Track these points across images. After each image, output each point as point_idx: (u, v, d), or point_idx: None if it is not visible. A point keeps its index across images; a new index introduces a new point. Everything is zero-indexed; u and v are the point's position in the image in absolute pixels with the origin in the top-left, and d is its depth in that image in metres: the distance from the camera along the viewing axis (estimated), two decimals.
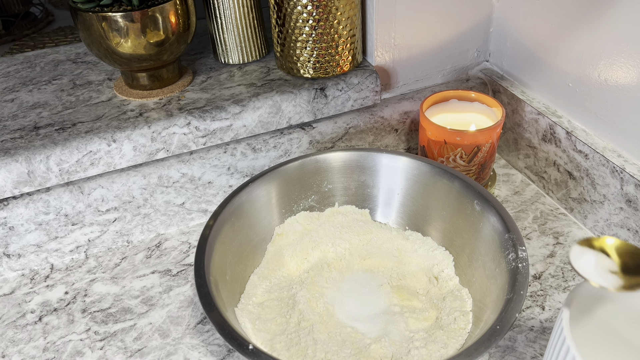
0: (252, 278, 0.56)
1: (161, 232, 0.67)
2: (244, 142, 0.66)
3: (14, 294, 0.60)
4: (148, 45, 0.60)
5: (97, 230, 0.64)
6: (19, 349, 0.54)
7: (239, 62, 0.71)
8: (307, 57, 0.64)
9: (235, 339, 0.43)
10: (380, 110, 0.71)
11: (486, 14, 0.72)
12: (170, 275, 0.61)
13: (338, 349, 0.49)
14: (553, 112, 0.66)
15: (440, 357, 0.47)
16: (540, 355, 0.50)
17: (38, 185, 0.58)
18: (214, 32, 0.69)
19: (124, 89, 0.66)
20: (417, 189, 0.60)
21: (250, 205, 0.57)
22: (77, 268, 0.62)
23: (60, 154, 0.57)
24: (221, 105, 0.62)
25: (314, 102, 0.65)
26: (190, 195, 0.66)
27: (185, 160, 0.64)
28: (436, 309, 0.53)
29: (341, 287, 0.56)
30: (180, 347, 0.53)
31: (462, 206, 0.56)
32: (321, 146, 0.70)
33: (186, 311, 0.56)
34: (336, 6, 0.61)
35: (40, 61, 0.75)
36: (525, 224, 0.64)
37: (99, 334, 0.55)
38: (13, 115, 0.63)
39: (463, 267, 0.56)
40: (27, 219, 0.60)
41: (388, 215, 0.63)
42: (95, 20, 0.58)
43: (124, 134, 0.59)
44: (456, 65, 0.75)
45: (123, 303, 0.58)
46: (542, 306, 0.54)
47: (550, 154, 0.66)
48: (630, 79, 0.56)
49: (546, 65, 0.67)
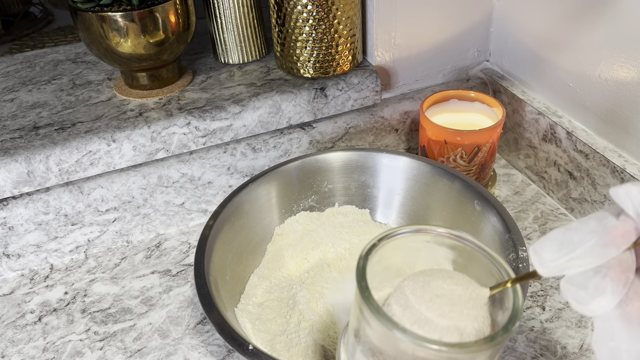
0: (252, 278, 0.56)
1: (161, 232, 0.67)
2: (243, 142, 0.66)
3: (14, 294, 0.60)
4: (148, 45, 0.60)
5: (97, 231, 0.64)
6: (18, 349, 0.54)
7: (238, 62, 0.71)
8: (307, 57, 0.64)
9: (235, 339, 0.43)
10: (381, 110, 0.71)
11: (486, 14, 0.72)
12: (170, 275, 0.61)
13: None
14: (553, 112, 0.66)
15: None
16: (541, 355, 0.50)
17: (38, 185, 0.57)
18: (213, 31, 0.69)
19: (123, 88, 0.66)
20: (418, 189, 0.60)
21: (250, 205, 0.57)
22: (76, 268, 0.62)
23: (59, 154, 0.57)
24: (221, 105, 0.62)
25: (314, 102, 0.65)
26: (190, 195, 0.66)
27: (185, 160, 0.64)
28: None
29: (341, 288, 0.56)
30: (180, 347, 0.53)
31: (462, 206, 0.56)
32: (321, 146, 0.70)
33: (186, 311, 0.56)
34: (336, 6, 0.61)
35: (40, 61, 0.75)
36: (526, 224, 0.64)
37: (99, 334, 0.55)
38: (12, 115, 0.63)
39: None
40: (26, 219, 0.60)
41: (388, 215, 0.63)
42: (95, 20, 0.57)
43: (124, 133, 0.59)
44: (456, 65, 0.75)
45: (123, 303, 0.58)
46: (543, 306, 0.54)
47: (550, 154, 0.66)
48: (630, 78, 0.56)
49: (547, 65, 0.66)
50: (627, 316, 0.25)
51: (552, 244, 0.26)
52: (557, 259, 0.26)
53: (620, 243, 0.25)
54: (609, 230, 0.25)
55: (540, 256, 0.26)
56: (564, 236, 0.26)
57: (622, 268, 0.25)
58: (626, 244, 0.25)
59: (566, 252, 0.25)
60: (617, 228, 0.25)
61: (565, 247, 0.25)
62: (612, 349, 0.26)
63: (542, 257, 0.26)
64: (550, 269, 0.26)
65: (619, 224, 0.25)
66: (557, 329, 0.52)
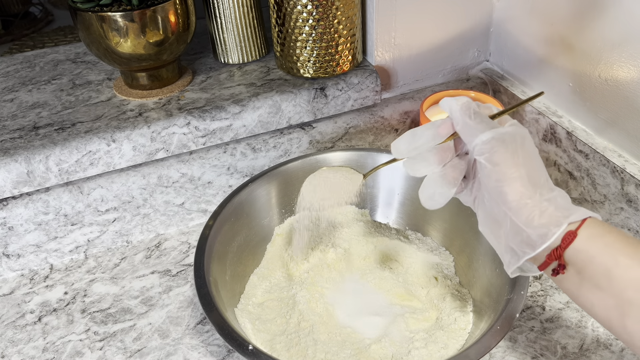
0: (252, 278, 0.56)
1: (161, 232, 0.67)
2: (243, 142, 0.66)
3: (14, 294, 0.60)
4: (147, 45, 0.60)
5: (97, 231, 0.64)
6: (18, 349, 0.53)
7: (238, 62, 0.71)
8: (307, 57, 0.64)
9: (235, 340, 0.43)
10: (381, 110, 0.71)
11: (486, 14, 0.72)
12: (169, 275, 0.61)
13: (338, 350, 0.49)
14: (553, 112, 0.66)
15: (441, 357, 0.47)
16: (541, 355, 0.50)
17: (37, 185, 0.57)
18: (213, 31, 0.69)
19: (123, 88, 0.66)
20: (417, 189, 0.60)
21: (250, 205, 0.57)
22: (76, 268, 0.62)
23: (59, 154, 0.57)
24: (221, 105, 0.62)
25: (314, 102, 0.65)
26: (190, 195, 0.66)
27: (185, 160, 0.64)
28: (436, 309, 0.53)
29: (341, 288, 0.56)
30: (180, 347, 0.53)
31: (462, 206, 0.56)
32: (321, 146, 0.70)
33: (186, 311, 0.56)
34: (336, 6, 0.61)
35: (40, 61, 0.75)
36: None
37: (99, 334, 0.54)
38: (12, 115, 0.63)
39: (463, 267, 0.56)
40: (26, 219, 0.60)
41: (388, 215, 0.63)
42: (95, 20, 0.57)
43: (124, 133, 0.59)
44: (456, 65, 0.75)
45: (122, 303, 0.58)
46: (543, 306, 0.54)
47: (550, 153, 0.66)
48: (630, 78, 0.56)
49: (546, 65, 0.66)
50: (445, 177, 0.41)
51: (404, 138, 0.42)
52: (406, 146, 0.41)
53: (443, 134, 0.41)
54: (436, 126, 0.41)
55: (396, 146, 0.42)
56: (411, 133, 0.41)
57: (442, 149, 0.41)
58: (447, 134, 0.41)
59: (412, 142, 0.41)
60: (440, 125, 0.41)
61: (411, 139, 0.41)
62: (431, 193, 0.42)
63: (397, 146, 0.42)
64: (402, 153, 0.42)
65: (441, 122, 0.41)
66: (557, 329, 0.52)
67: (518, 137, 0.38)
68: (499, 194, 0.38)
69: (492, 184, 0.38)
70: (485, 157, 0.38)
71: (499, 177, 0.38)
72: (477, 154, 0.39)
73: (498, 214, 0.39)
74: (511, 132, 0.38)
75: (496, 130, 0.38)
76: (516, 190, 0.37)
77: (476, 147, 0.38)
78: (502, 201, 0.38)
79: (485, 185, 0.39)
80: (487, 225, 0.41)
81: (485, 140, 0.38)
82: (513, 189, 0.37)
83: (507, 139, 0.38)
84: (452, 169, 0.41)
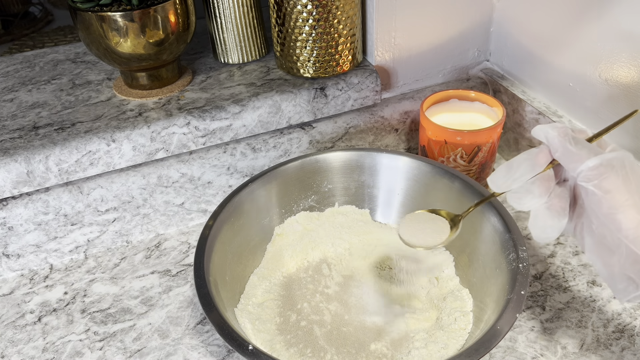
0: (252, 278, 0.56)
1: (160, 232, 0.67)
2: (243, 142, 0.66)
3: (13, 294, 0.60)
4: (147, 45, 0.60)
5: (97, 231, 0.64)
6: (18, 349, 0.53)
7: (238, 62, 0.71)
8: (307, 57, 0.64)
9: (235, 340, 0.43)
10: (381, 110, 0.71)
11: (487, 14, 0.72)
12: (169, 275, 0.61)
13: (338, 349, 0.49)
14: (554, 112, 0.66)
15: (441, 357, 0.47)
16: (541, 355, 0.50)
17: (37, 185, 0.57)
18: (213, 31, 0.68)
19: (123, 88, 0.66)
20: (418, 189, 0.60)
21: (250, 205, 0.57)
22: (76, 268, 0.62)
23: (59, 154, 0.57)
24: (221, 105, 0.62)
25: (314, 102, 0.65)
26: (190, 195, 0.66)
27: (185, 160, 0.64)
28: (436, 309, 0.53)
29: (341, 288, 0.56)
30: (180, 347, 0.53)
31: (462, 206, 0.56)
32: (321, 146, 0.70)
33: (186, 311, 0.56)
34: (336, 5, 0.61)
35: (40, 61, 0.75)
36: (526, 224, 0.64)
37: (99, 334, 0.54)
38: (12, 115, 0.63)
39: (463, 267, 0.56)
40: (26, 219, 0.60)
41: (388, 215, 0.63)
42: (95, 19, 0.57)
43: (124, 133, 0.59)
44: (456, 64, 0.75)
45: (122, 303, 0.58)
46: (543, 306, 0.54)
47: None
48: (630, 78, 0.56)
49: (547, 65, 0.66)
50: (551, 208, 0.40)
51: (500, 171, 0.41)
52: (504, 179, 0.41)
53: (541, 163, 0.40)
54: (533, 156, 0.40)
55: (494, 181, 0.42)
56: (507, 166, 0.41)
57: (544, 179, 0.40)
58: (545, 163, 0.40)
59: (509, 174, 0.40)
60: (537, 153, 0.40)
61: (508, 172, 0.40)
62: (542, 226, 0.40)
63: (495, 181, 0.41)
64: (500, 187, 0.41)
65: (538, 150, 0.40)
66: (557, 329, 0.52)
67: (627, 162, 0.37)
68: (612, 221, 0.37)
69: (604, 211, 0.37)
70: (594, 183, 0.37)
71: (612, 204, 0.37)
72: (583, 181, 0.37)
73: (611, 242, 0.38)
74: (619, 156, 0.37)
75: (602, 156, 0.37)
76: (632, 218, 0.36)
77: (581, 173, 0.37)
78: (617, 229, 0.37)
79: (595, 213, 0.38)
80: (595, 252, 0.40)
81: (592, 167, 0.37)
82: (628, 216, 0.36)
83: (616, 165, 0.37)
84: (558, 198, 0.40)
